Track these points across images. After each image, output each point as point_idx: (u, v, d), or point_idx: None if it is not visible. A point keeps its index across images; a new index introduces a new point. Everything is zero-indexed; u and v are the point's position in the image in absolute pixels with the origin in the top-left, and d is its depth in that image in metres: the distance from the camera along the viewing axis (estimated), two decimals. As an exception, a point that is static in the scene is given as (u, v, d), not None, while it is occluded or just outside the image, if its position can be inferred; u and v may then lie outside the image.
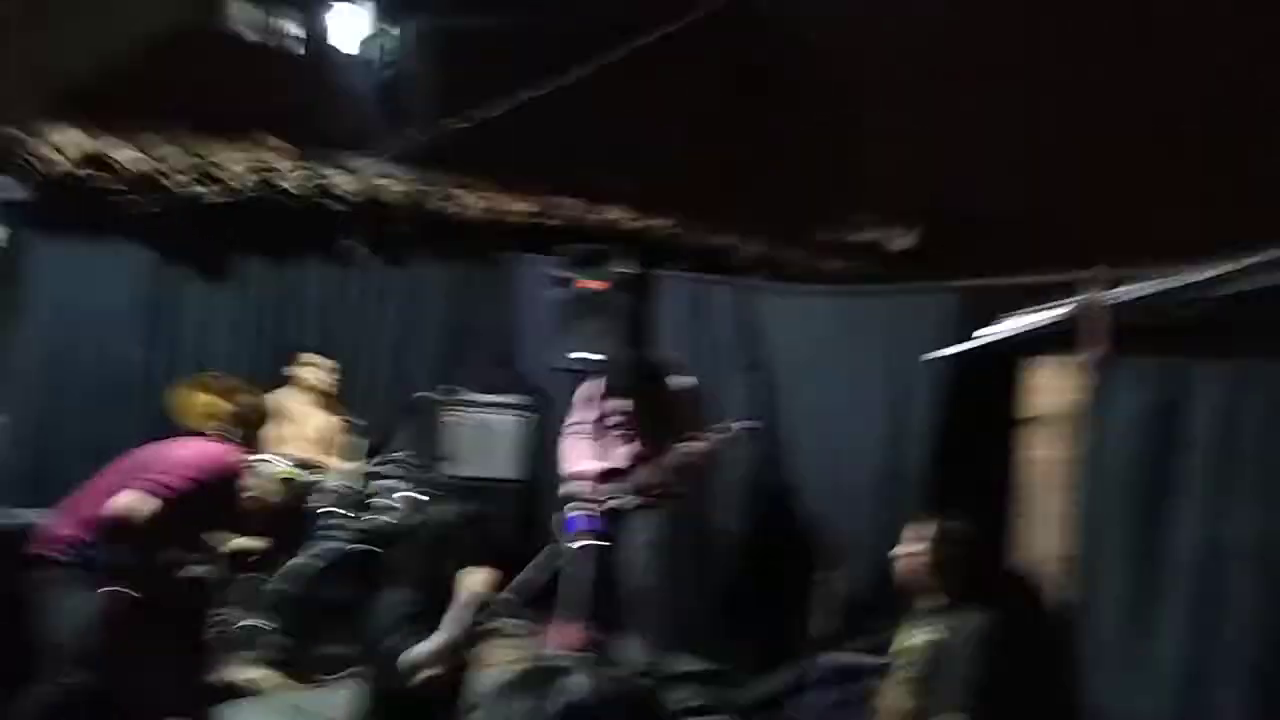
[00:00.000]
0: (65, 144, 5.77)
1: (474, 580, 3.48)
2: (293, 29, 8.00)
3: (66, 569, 3.79)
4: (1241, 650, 3.41)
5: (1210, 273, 4.07)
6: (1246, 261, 3.95)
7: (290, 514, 5.26)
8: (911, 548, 3.58)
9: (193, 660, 4.27)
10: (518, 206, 7.24)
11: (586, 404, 5.41)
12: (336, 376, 6.08)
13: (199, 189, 6.09)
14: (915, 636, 3.54)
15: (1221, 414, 3.64)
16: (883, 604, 5.01)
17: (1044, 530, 4.10)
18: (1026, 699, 3.36)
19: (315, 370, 6.04)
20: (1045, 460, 4.25)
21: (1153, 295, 4.21)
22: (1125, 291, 4.23)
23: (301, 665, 5.08)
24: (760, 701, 4.74)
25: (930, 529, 3.56)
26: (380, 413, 6.67)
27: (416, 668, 3.35)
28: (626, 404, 5.19)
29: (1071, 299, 4.32)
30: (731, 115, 7.93)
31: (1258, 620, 3.40)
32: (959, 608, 3.46)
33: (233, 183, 6.18)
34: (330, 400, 6.10)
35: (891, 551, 3.68)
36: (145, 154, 6.19)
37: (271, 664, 5.12)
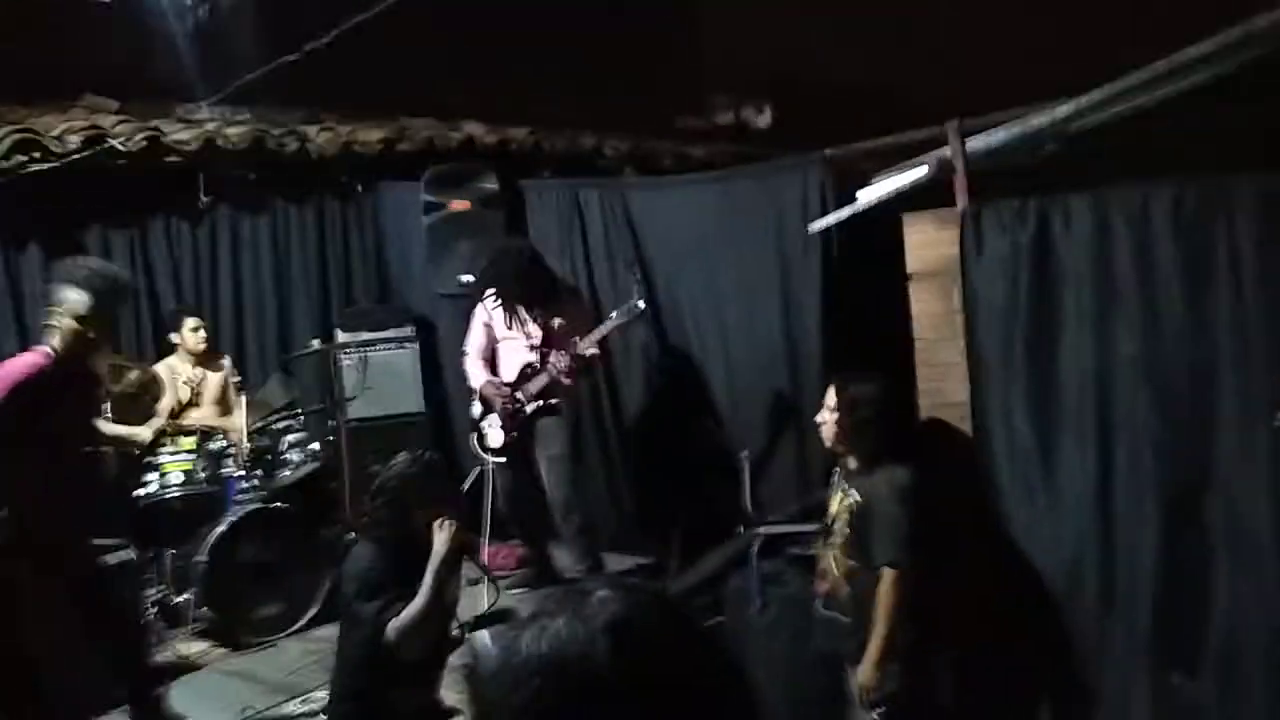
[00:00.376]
0: None
1: (445, 537, 3.40)
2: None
3: None
4: (1140, 466, 3.65)
5: (1057, 113, 4.24)
6: (1090, 99, 4.13)
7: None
8: (830, 413, 3.67)
9: (120, 639, 4.16)
10: (368, 135, 7.01)
11: (481, 320, 5.37)
12: (203, 333, 5.86)
13: (21, 159, 5.69)
14: (842, 498, 3.66)
15: (1090, 242, 3.82)
16: (800, 471, 5.23)
17: (941, 380, 4.27)
18: (952, 545, 3.52)
19: (188, 330, 5.83)
20: (933, 312, 4.41)
21: (1007, 141, 4.37)
22: (982, 140, 4.37)
23: (236, 632, 5.01)
24: (701, 583, 4.87)
25: (845, 393, 3.64)
26: (268, 365, 6.52)
27: (404, 635, 3.26)
28: (517, 307, 5.17)
29: (933, 153, 4.45)
30: (573, 11, 7.78)
31: (1151, 435, 3.63)
32: (879, 466, 3.58)
33: (57, 149, 5.80)
34: (215, 359, 5.91)
35: (815, 418, 3.76)
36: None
37: (207, 636, 5.05)
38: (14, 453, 3.65)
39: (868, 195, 4.78)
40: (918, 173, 4.53)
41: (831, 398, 3.67)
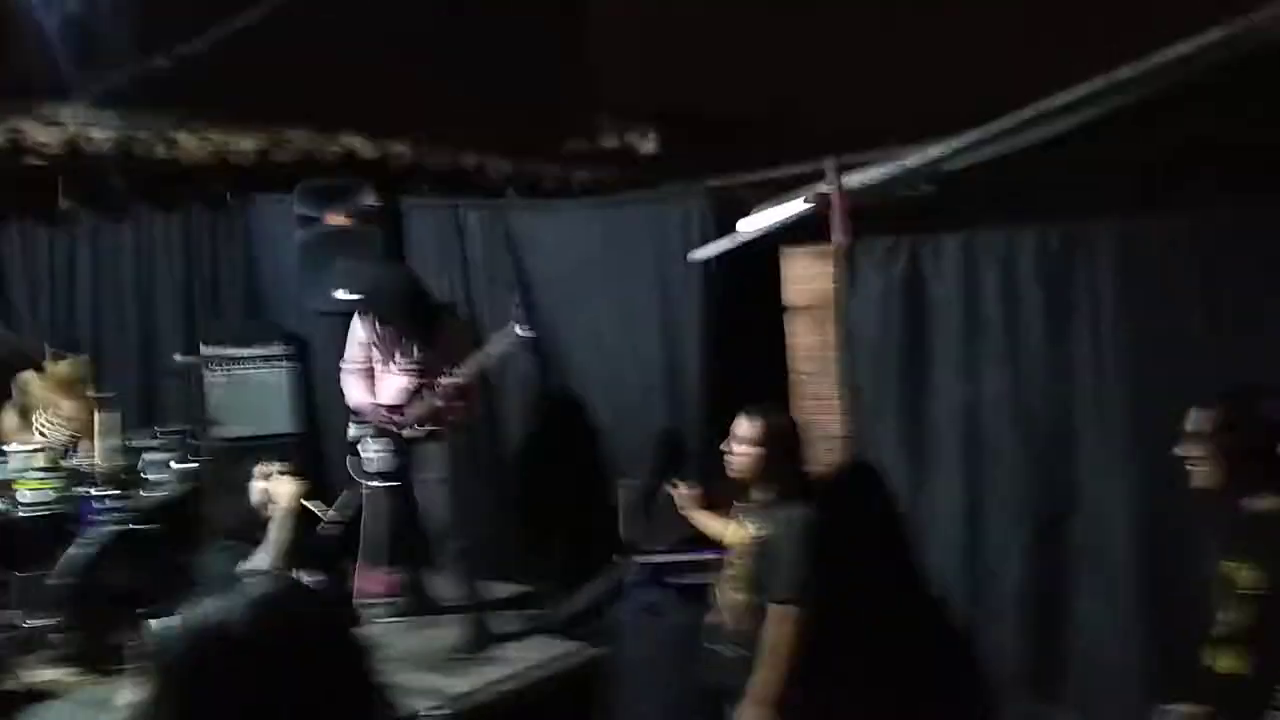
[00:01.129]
0: None
1: (285, 490, 3.38)
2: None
3: None
4: (1009, 493, 3.79)
5: (930, 153, 4.40)
6: (961, 141, 4.29)
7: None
8: (740, 444, 3.67)
9: None
10: (242, 144, 6.81)
11: (359, 340, 5.25)
12: (78, 367, 5.60)
13: None
14: (742, 531, 3.68)
15: (959, 281, 3.96)
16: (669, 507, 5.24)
17: (819, 412, 4.35)
18: (846, 581, 3.56)
19: (64, 366, 5.55)
20: (810, 345, 4.49)
21: (883, 178, 4.51)
22: (859, 177, 4.49)
23: (95, 658, 4.75)
24: (580, 612, 4.85)
25: (759, 425, 3.65)
26: (128, 378, 6.25)
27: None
28: (398, 334, 5.07)
29: (813, 188, 4.55)
30: (459, 30, 7.72)
31: (1014, 466, 3.77)
32: (784, 501, 3.58)
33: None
34: (77, 383, 5.63)
35: (722, 446, 3.75)
36: None
37: (66, 661, 4.78)
38: None
39: (748, 226, 4.85)
40: (797, 206, 4.62)
41: (744, 428, 3.66)
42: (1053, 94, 3.95)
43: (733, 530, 3.71)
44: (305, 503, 4.31)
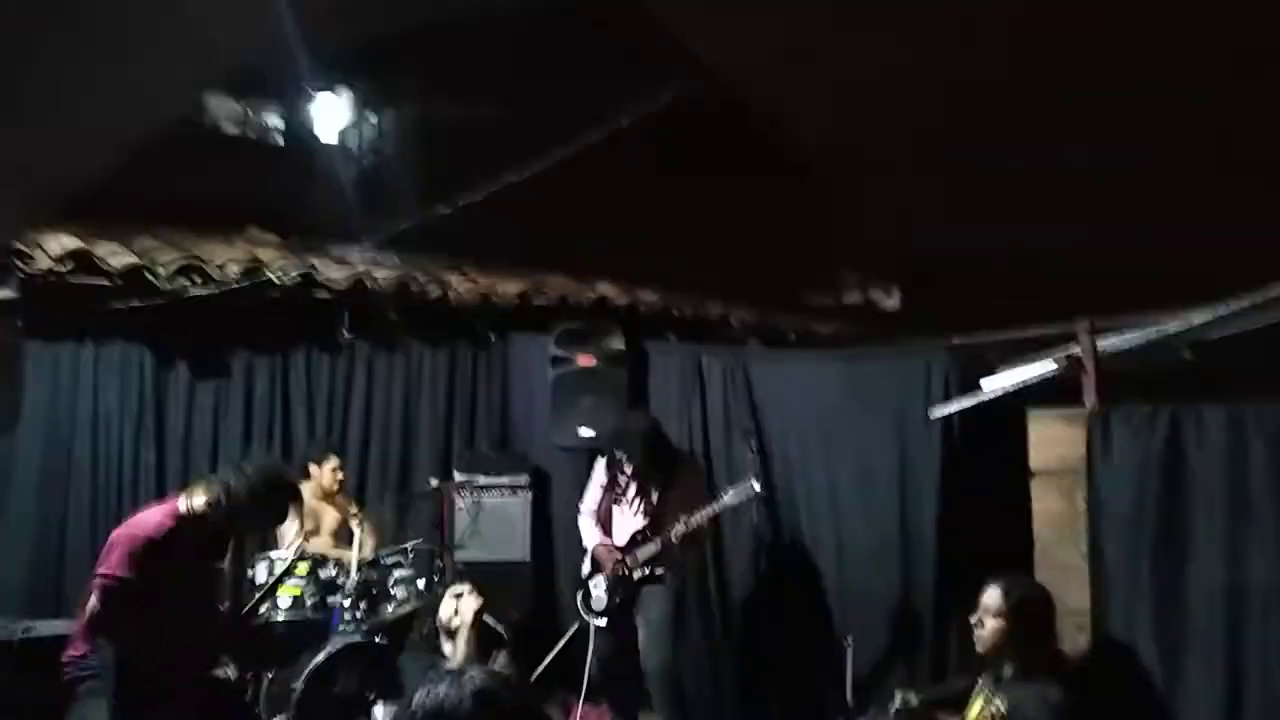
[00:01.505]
0: (48, 243, 5.78)
1: (469, 606, 3.89)
2: (272, 120, 8.09)
3: (84, 683, 3.74)
4: (1272, 697, 3.44)
5: (1193, 319, 4.18)
6: (1229, 307, 4.07)
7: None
8: (990, 616, 3.55)
9: None
10: (506, 287, 7.29)
11: (600, 482, 5.43)
12: (340, 474, 6.06)
13: (185, 283, 6.08)
14: (984, 706, 3.49)
15: (1224, 456, 3.70)
16: (904, 665, 5.05)
17: (1060, 584, 4.12)
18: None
19: (329, 469, 6.03)
20: (1054, 512, 4.29)
21: (1143, 344, 4.31)
22: (1117, 341, 4.32)
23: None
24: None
25: (1012, 597, 3.53)
26: (387, 501, 6.68)
27: None
28: (635, 475, 5.21)
29: (1063, 349, 4.41)
30: (707, 187, 8.06)
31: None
32: (1034, 678, 3.42)
33: (218, 276, 6.19)
34: (340, 496, 6.09)
35: (972, 617, 3.62)
36: (130, 250, 6.22)
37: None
38: (131, 600, 3.68)
39: (992, 385, 4.74)
40: (1045, 367, 4.49)
41: (994, 599, 3.54)
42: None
43: (977, 707, 3.53)
44: (486, 618, 4.58)
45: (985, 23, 5.06)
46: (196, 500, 3.90)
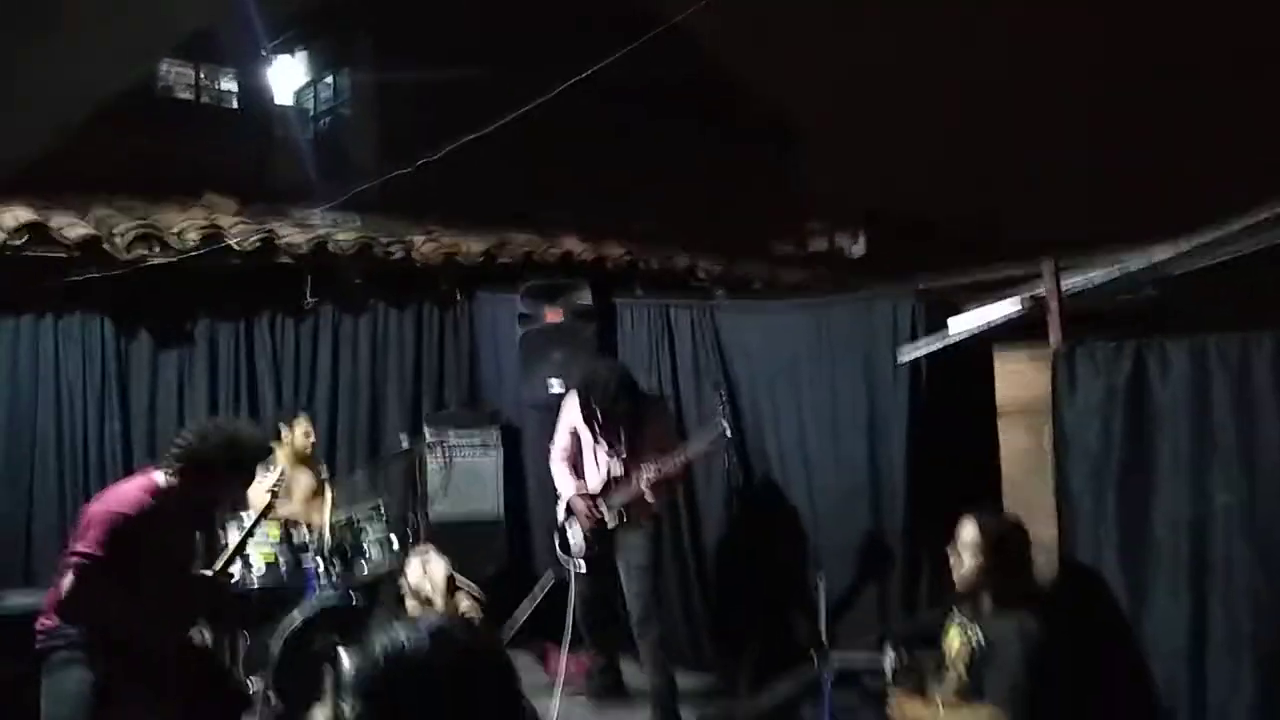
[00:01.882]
0: (2, 216, 5.68)
1: (437, 568, 4.22)
2: (227, 84, 7.97)
3: (57, 653, 3.71)
4: (1236, 619, 3.51)
5: (1155, 256, 4.22)
6: (1190, 242, 4.11)
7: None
8: (966, 550, 3.59)
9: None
10: (470, 246, 7.24)
11: (569, 427, 5.43)
12: (312, 436, 6.02)
13: (143, 252, 5.99)
14: (963, 640, 3.54)
15: (1187, 388, 3.75)
16: (880, 601, 5.12)
17: (1028, 519, 4.18)
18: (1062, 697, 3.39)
19: (300, 431, 5.98)
20: (1021, 449, 4.34)
21: (1103, 281, 4.35)
22: (1081, 279, 4.36)
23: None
24: (771, 709, 4.76)
25: (988, 531, 3.57)
26: (358, 460, 6.66)
27: None
28: (608, 423, 5.22)
29: (1027, 290, 4.44)
30: (675, 139, 8.03)
31: (1248, 590, 3.50)
32: (1011, 609, 3.47)
33: (177, 244, 6.11)
34: (310, 458, 6.05)
35: (948, 551, 3.68)
36: (85, 221, 6.12)
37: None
38: (107, 577, 3.64)
39: (959, 326, 4.76)
40: (1010, 307, 4.52)
41: (971, 534, 3.58)
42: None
43: (957, 640, 3.58)
44: (456, 577, 4.83)
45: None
46: (171, 471, 3.87)
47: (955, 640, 3.57)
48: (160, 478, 3.86)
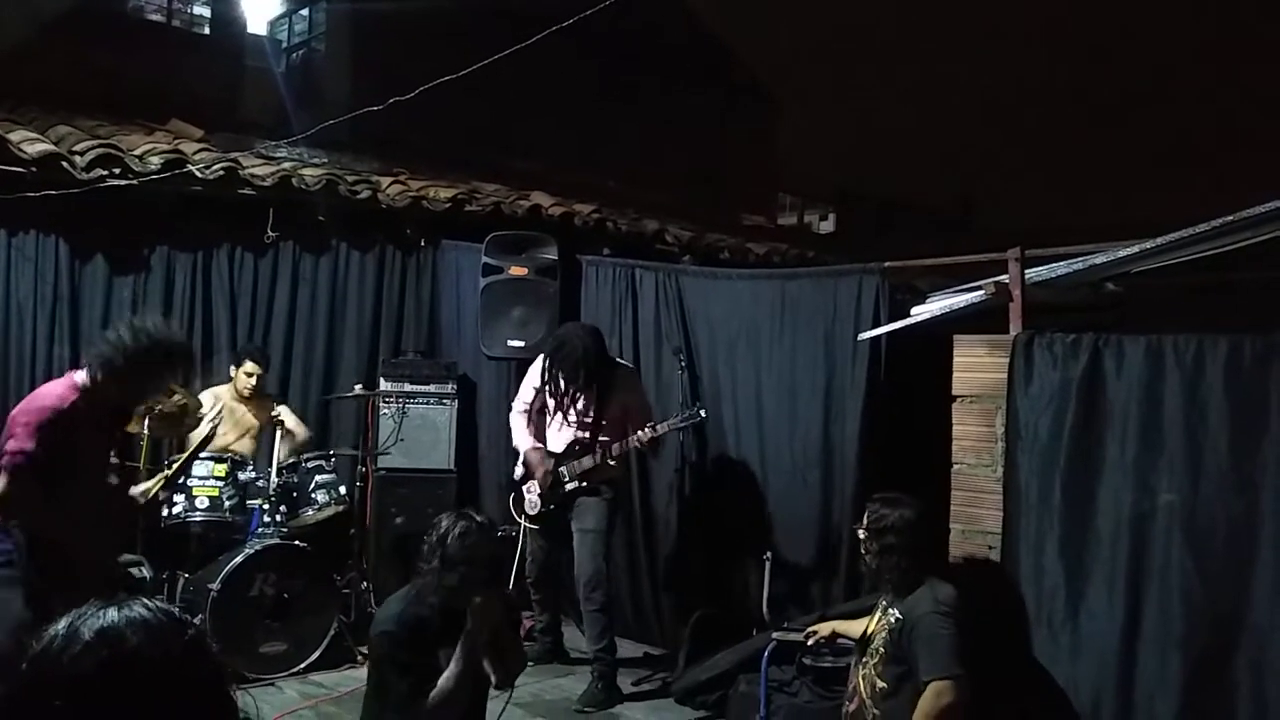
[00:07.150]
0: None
1: (482, 617, 3.32)
2: (199, 8, 7.78)
3: None
4: (1168, 617, 3.56)
5: (1120, 254, 4.24)
6: (1157, 242, 4.12)
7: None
8: (866, 532, 3.62)
9: None
10: (438, 192, 7.15)
11: (533, 384, 5.39)
12: (254, 380, 5.90)
13: (103, 174, 5.85)
14: (881, 616, 3.59)
15: (1140, 385, 3.78)
16: (824, 579, 5.16)
17: (975, 506, 4.22)
18: (983, 669, 3.43)
19: (242, 374, 5.87)
20: (974, 436, 4.36)
21: (1067, 275, 4.36)
22: (1045, 271, 4.37)
23: (238, 666, 4.92)
24: (709, 680, 4.79)
25: (878, 516, 3.59)
26: (310, 401, 6.58)
27: (435, 709, 3.23)
28: (576, 386, 5.18)
29: (991, 278, 4.45)
30: (652, 103, 7.96)
31: (1182, 591, 3.55)
32: (919, 585, 3.50)
33: (138, 167, 5.97)
34: (262, 398, 5.97)
35: (858, 529, 3.71)
36: (45, 138, 5.97)
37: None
38: (39, 476, 3.64)
39: (921, 310, 4.78)
40: (974, 295, 4.53)
41: (873, 519, 3.62)
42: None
43: (876, 619, 3.62)
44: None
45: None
46: (92, 369, 3.81)
47: (874, 618, 3.64)
48: (80, 376, 3.83)
